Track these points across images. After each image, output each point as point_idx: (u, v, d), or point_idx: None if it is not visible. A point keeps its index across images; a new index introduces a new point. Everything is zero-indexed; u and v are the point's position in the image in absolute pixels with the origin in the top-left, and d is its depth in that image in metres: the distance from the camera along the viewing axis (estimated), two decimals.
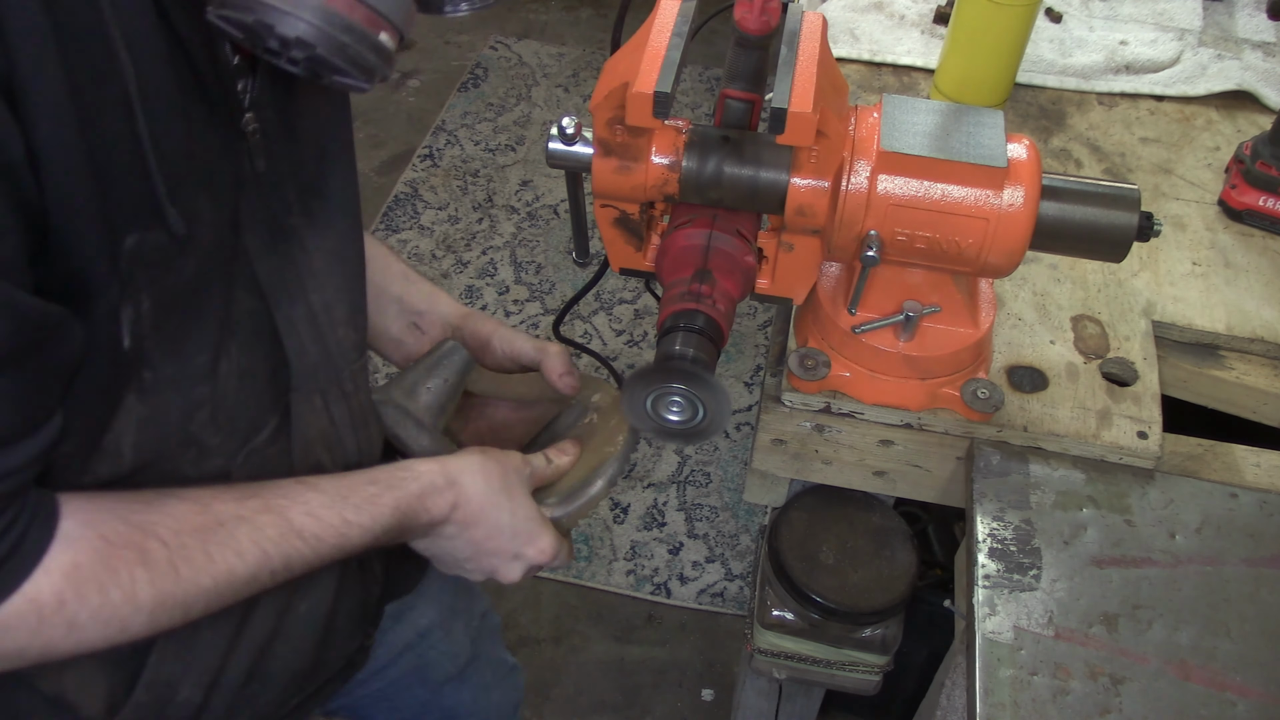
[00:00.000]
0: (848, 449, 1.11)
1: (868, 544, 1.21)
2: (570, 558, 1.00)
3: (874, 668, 1.29)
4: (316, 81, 0.67)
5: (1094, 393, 1.10)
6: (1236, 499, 1.04)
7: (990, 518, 1.00)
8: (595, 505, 1.02)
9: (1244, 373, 1.18)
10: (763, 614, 1.26)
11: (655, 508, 2.43)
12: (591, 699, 2.13)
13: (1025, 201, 0.91)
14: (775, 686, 1.47)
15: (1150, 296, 1.21)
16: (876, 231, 0.93)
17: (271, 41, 0.64)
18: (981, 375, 1.07)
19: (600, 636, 2.22)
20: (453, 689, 1.27)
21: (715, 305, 0.89)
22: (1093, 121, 1.49)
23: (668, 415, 0.86)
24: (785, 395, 1.08)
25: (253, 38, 0.64)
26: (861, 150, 0.93)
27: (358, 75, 0.66)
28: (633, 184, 0.94)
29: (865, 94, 1.51)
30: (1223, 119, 1.51)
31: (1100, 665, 0.90)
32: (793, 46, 0.93)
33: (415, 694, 1.23)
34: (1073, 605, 0.94)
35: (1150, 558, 0.98)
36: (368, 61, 0.66)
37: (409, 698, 1.23)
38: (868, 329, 1.02)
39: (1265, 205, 1.30)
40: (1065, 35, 1.61)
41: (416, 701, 1.24)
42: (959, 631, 1.11)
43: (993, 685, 0.89)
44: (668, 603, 2.27)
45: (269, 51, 0.65)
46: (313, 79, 0.67)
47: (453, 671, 1.26)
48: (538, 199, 3.20)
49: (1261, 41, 1.63)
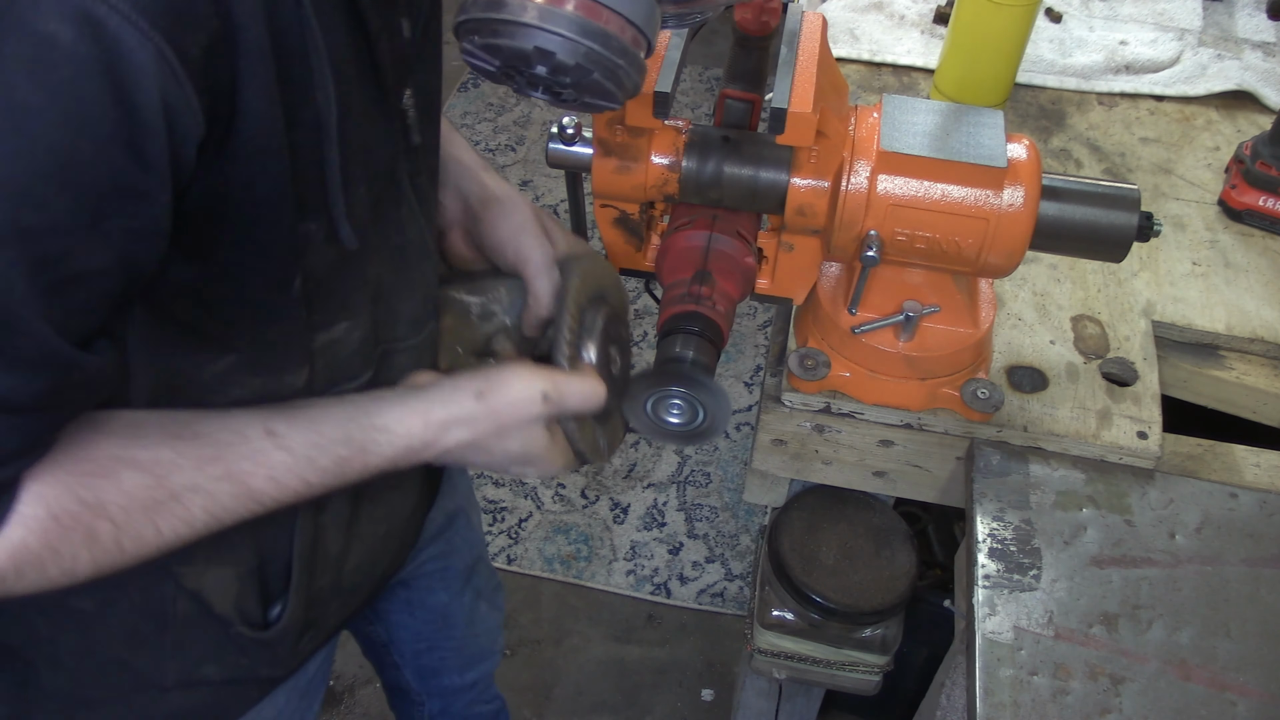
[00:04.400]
0: (848, 449, 1.11)
1: (868, 544, 1.21)
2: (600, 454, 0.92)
3: (874, 668, 1.29)
4: (559, 103, 0.68)
5: (1094, 393, 1.10)
6: (1236, 499, 1.04)
7: (990, 518, 1.00)
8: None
9: (1244, 373, 1.18)
10: (763, 614, 1.26)
11: (655, 508, 2.43)
12: (591, 699, 2.13)
13: (1025, 201, 0.91)
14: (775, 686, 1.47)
15: (1150, 296, 1.21)
16: (876, 231, 0.93)
17: (540, 68, 0.64)
18: (981, 375, 1.07)
19: (600, 636, 2.22)
20: (460, 587, 1.30)
21: (715, 307, 0.89)
22: (1093, 121, 1.49)
23: (668, 418, 0.86)
24: (785, 395, 1.08)
25: (517, 64, 0.65)
26: (861, 150, 0.93)
27: (619, 96, 0.68)
28: (633, 184, 0.94)
29: (865, 94, 1.51)
30: (1223, 119, 1.51)
31: (1100, 665, 0.90)
32: (793, 46, 0.93)
33: (430, 583, 1.26)
34: (1073, 605, 0.94)
35: (1150, 558, 0.98)
36: (631, 82, 0.67)
37: (423, 587, 1.26)
38: (868, 329, 1.02)
39: (1265, 205, 1.30)
40: (1065, 35, 1.61)
41: (428, 593, 1.27)
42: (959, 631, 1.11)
43: (993, 685, 0.89)
44: (668, 603, 2.27)
45: (529, 77, 0.65)
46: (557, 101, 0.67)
47: (468, 563, 1.29)
48: (538, 199, 3.20)
49: (1261, 41, 1.63)
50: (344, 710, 2.08)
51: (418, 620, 1.31)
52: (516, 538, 2.35)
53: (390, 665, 1.39)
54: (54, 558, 0.66)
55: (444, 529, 1.21)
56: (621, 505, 2.43)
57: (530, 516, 2.39)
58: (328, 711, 2.08)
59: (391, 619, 1.30)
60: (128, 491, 0.68)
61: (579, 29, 0.64)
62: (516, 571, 2.30)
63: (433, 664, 1.39)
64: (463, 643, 1.38)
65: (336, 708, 2.08)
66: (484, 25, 0.65)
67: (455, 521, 1.23)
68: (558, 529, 2.38)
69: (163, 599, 0.85)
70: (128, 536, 0.69)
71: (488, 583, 1.38)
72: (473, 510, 1.31)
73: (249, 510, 0.74)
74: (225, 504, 0.73)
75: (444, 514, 1.20)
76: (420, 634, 1.33)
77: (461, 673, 1.43)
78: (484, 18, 0.65)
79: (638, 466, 2.50)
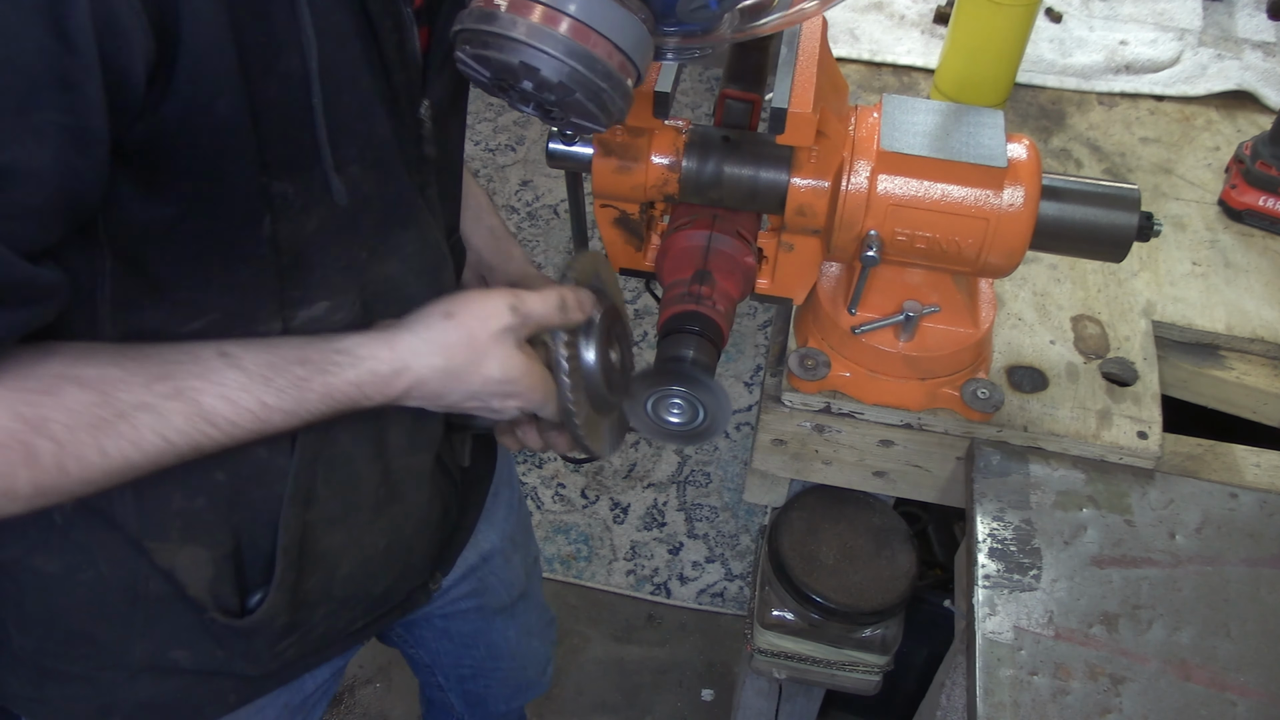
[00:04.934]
0: (848, 449, 1.11)
1: (868, 544, 1.21)
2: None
3: (874, 668, 1.29)
4: (550, 121, 0.70)
5: (1094, 393, 1.10)
6: (1236, 499, 1.04)
7: (990, 518, 1.00)
8: None
9: (1244, 373, 1.18)
10: (763, 614, 1.26)
11: (655, 508, 2.43)
12: (591, 699, 2.13)
13: (1025, 201, 0.91)
14: (775, 686, 1.47)
15: (1150, 296, 1.21)
16: (876, 231, 0.93)
17: (526, 83, 0.67)
18: (981, 375, 1.07)
19: (600, 636, 2.22)
20: (502, 623, 1.29)
21: (715, 306, 0.89)
22: (1093, 121, 1.49)
23: (668, 417, 0.86)
24: (785, 395, 1.08)
25: (505, 78, 0.67)
26: (861, 150, 0.93)
27: (602, 120, 0.70)
28: (633, 184, 0.94)
29: (865, 94, 1.51)
30: (1223, 119, 1.51)
31: (1100, 665, 0.90)
32: (793, 46, 0.92)
33: (470, 621, 1.25)
34: (1073, 605, 0.94)
35: (1150, 558, 0.98)
36: (616, 106, 0.69)
37: (463, 624, 1.25)
38: (868, 329, 1.02)
39: (1265, 205, 1.30)
40: (1065, 35, 1.61)
41: (470, 629, 1.26)
42: (959, 631, 1.11)
43: (993, 685, 0.89)
44: (668, 603, 2.27)
45: (519, 92, 0.67)
46: (547, 118, 0.70)
47: (507, 602, 1.27)
48: (538, 199, 3.20)
49: (1261, 41, 1.63)
50: (344, 710, 2.08)
51: (458, 647, 1.29)
52: None
53: (435, 686, 1.38)
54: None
55: (476, 568, 1.19)
56: (621, 505, 2.43)
57: (530, 516, 2.39)
58: (328, 711, 2.08)
59: (431, 645, 1.29)
60: (71, 409, 0.66)
61: (565, 49, 0.66)
62: None
63: (478, 690, 1.37)
64: (510, 674, 1.37)
65: (336, 708, 2.08)
66: (475, 36, 0.67)
67: (490, 561, 1.21)
68: (558, 529, 2.38)
69: (134, 574, 0.83)
70: (70, 457, 0.66)
71: (538, 620, 1.37)
72: (515, 551, 1.27)
73: (204, 434, 0.72)
74: (176, 424, 0.70)
75: (478, 553, 1.18)
76: (462, 660, 1.32)
77: (509, 700, 1.42)
78: (476, 29, 0.67)
79: (638, 466, 2.50)
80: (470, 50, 0.68)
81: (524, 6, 0.66)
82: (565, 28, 0.66)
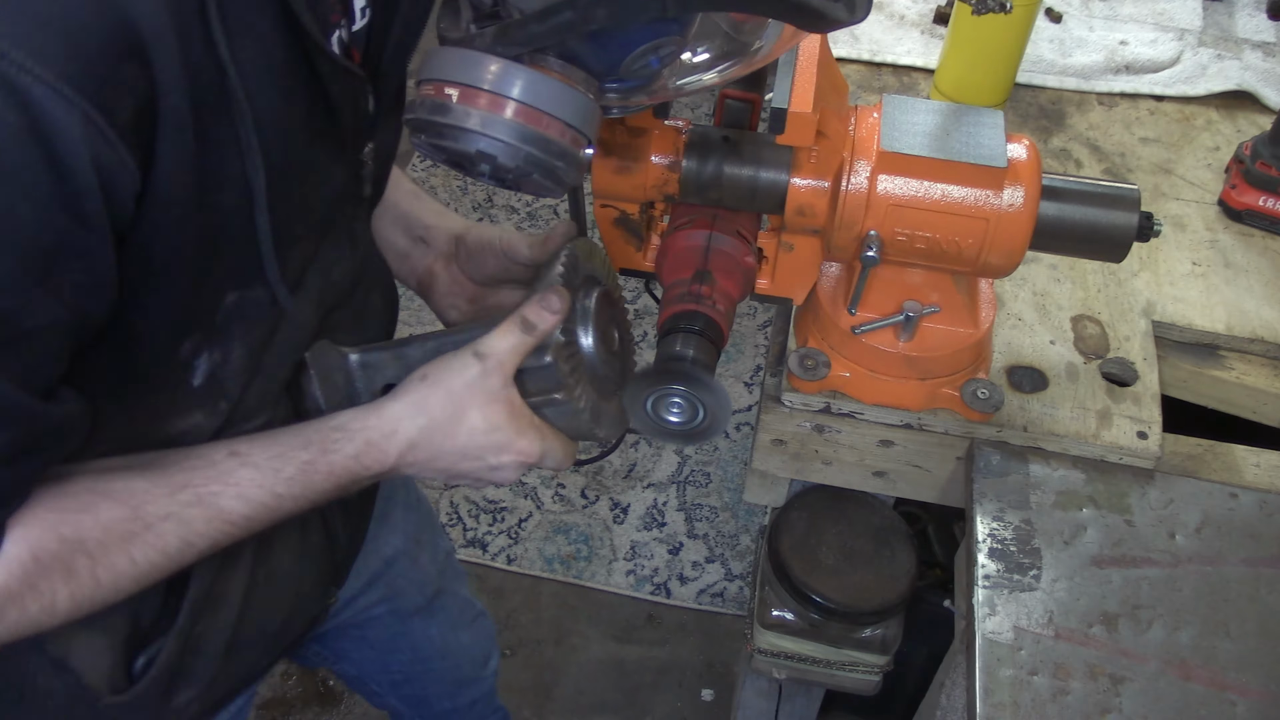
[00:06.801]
0: (848, 449, 1.11)
1: (868, 544, 1.21)
2: (566, 455, 0.88)
3: (874, 668, 1.29)
4: (508, 188, 0.74)
5: (1094, 393, 1.10)
6: (1236, 499, 1.04)
7: (990, 518, 1.00)
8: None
9: (1244, 373, 1.18)
10: (763, 614, 1.26)
11: (655, 508, 2.43)
12: (591, 699, 2.13)
13: (1025, 201, 0.91)
14: (775, 686, 1.47)
15: (1150, 296, 1.21)
16: (876, 231, 0.93)
17: (484, 166, 0.71)
18: (981, 375, 1.07)
19: (600, 636, 2.22)
20: (421, 622, 1.28)
21: (715, 306, 0.89)
22: (1093, 121, 1.49)
23: (668, 417, 0.86)
24: (785, 395, 1.08)
25: (462, 162, 0.72)
26: (861, 150, 0.93)
27: (559, 190, 0.74)
28: (633, 184, 0.94)
29: (865, 94, 1.51)
30: (1223, 119, 1.51)
31: (1100, 665, 0.90)
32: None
33: (385, 626, 1.25)
34: (1073, 605, 0.94)
35: (1150, 558, 0.98)
36: (571, 179, 0.73)
37: (379, 630, 1.25)
38: (868, 329, 1.02)
39: (1265, 205, 1.30)
40: (1065, 35, 1.61)
41: (387, 633, 1.26)
42: (959, 631, 1.11)
43: (993, 685, 0.89)
44: (668, 603, 2.27)
45: (477, 170, 0.71)
46: (504, 187, 0.74)
47: (421, 602, 1.27)
48: (538, 199, 3.20)
49: (1261, 41, 1.63)
50: (344, 710, 2.08)
51: (381, 654, 1.29)
52: (516, 538, 2.35)
53: (373, 694, 1.38)
54: (35, 596, 0.67)
55: (381, 573, 1.19)
56: (621, 505, 2.43)
57: (530, 516, 2.39)
58: (328, 711, 2.08)
59: (353, 656, 1.28)
60: (104, 524, 0.70)
61: (519, 135, 0.70)
62: (516, 571, 2.30)
63: (416, 693, 1.37)
64: (443, 672, 1.37)
65: (336, 708, 2.08)
66: (430, 127, 0.70)
67: (396, 564, 1.21)
68: (558, 529, 2.38)
69: (20, 667, 0.81)
70: (104, 568, 0.70)
71: (462, 614, 1.36)
72: (422, 550, 1.26)
73: (223, 533, 0.75)
74: (198, 529, 0.74)
75: (380, 559, 1.18)
76: (389, 666, 1.31)
77: (453, 697, 1.42)
78: (430, 120, 0.70)
79: (638, 466, 2.50)
80: (425, 139, 0.71)
81: (474, 96, 0.69)
82: (517, 114, 0.69)
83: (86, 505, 0.69)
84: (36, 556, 0.67)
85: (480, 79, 0.69)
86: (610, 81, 0.75)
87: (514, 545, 2.34)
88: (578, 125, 0.72)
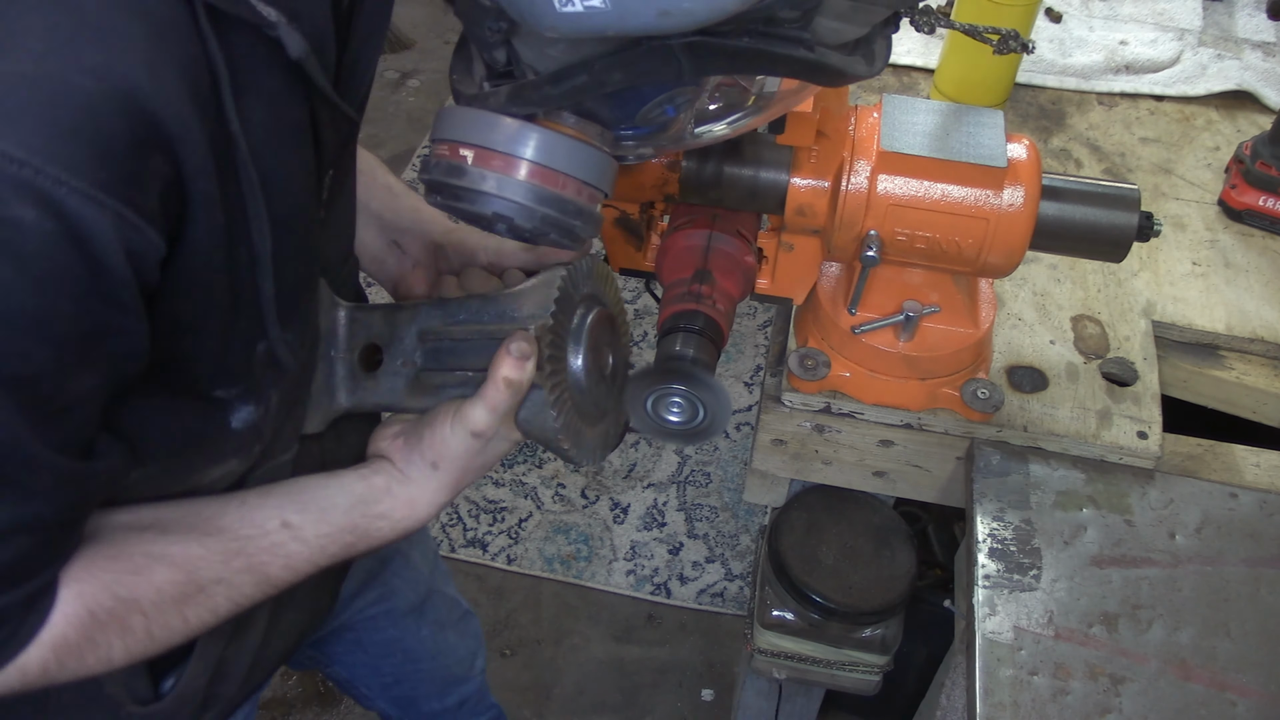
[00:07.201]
0: (848, 449, 1.11)
1: (868, 544, 1.21)
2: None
3: (874, 668, 1.29)
4: (527, 243, 0.75)
5: (1094, 393, 1.10)
6: (1236, 499, 1.04)
7: (990, 518, 1.00)
8: None
9: (1244, 373, 1.18)
10: (763, 614, 1.26)
11: (655, 508, 2.43)
12: (591, 699, 2.13)
13: (1025, 201, 0.91)
14: (775, 686, 1.47)
15: (1150, 296, 1.21)
16: (876, 231, 0.93)
17: (500, 226, 0.72)
18: (981, 375, 1.07)
19: (600, 636, 2.22)
20: (413, 622, 1.30)
21: (715, 305, 0.89)
22: (1093, 121, 1.49)
23: (668, 416, 0.86)
24: (785, 395, 1.08)
25: (479, 223, 0.73)
26: (861, 150, 0.93)
27: (575, 245, 0.75)
28: (633, 184, 0.94)
29: (865, 94, 1.51)
30: (1223, 119, 1.51)
31: (1100, 665, 0.90)
32: None
33: (381, 629, 1.26)
34: (1073, 605, 0.94)
35: (1150, 558, 0.98)
36: (587, 234, 0.74)
37: (374, 633, 1.26)
38: (868, 329, 1.02)
39: (1265, 205, 1.30)
40: (1065, 35, 1.61)
41: (382, 637, 1.27)
42: (959, 631, 1.11)
43: (993, 685, 0.89)
44: (668, 603, 2.27)
45: (495, 229, 0.72)
46: (526, 243, 0.75)
47: (414, 601, 1.28)
48: None
49: (1261, 41, 1.63)
50: (343, 710, 2.08)
51: (373, 657, 1.30)
52: (516, 538, 2.35)
53: (363, 697, 1.38)
54: (91, 648, 0.70)
55: (377, 573, 1.20)
56: (621, 505, 2.43)
57: (530, 516, 2.39)
58: (328, 711, 2.08)
59: (345, 659, 1.29)
60: (159, 587, 0.72)
61: (535, 197, 0.70)
62: (516, 571, 2.30)
63: (405, 694, 1.38)
64: (432, 673, 1.37)
65: (336, 708, 2.08)
66: (446, 189, 0.71)
67: (390, 562, 1.22)
68: (558, 529, 2.38)
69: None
70: (157, 625, 0.72)
71: (450, 613, 1.37)
72: (413, 548, 1.27)
73: (265, 594, 0.79)
74: (246, 592, 0.77)
75: (376, 558, 1.18)
76: (380, 669, 1.32)
77: (441, 698, 1.42)
78: (445, 182, 0.70)
79: (638, 466, 2.50)
80: (441, 200, 0.71)
81: (489, 158, 0.69)
82: (532, 174, 0.69)
83: (141, 568, 0.72)
84: (93, 613, 0.69)
85: (495, 141, 0.69)
86: (625, 129, 0.75)
87: (514, 545, 2.34)
88: (593, 182, 0.72)
